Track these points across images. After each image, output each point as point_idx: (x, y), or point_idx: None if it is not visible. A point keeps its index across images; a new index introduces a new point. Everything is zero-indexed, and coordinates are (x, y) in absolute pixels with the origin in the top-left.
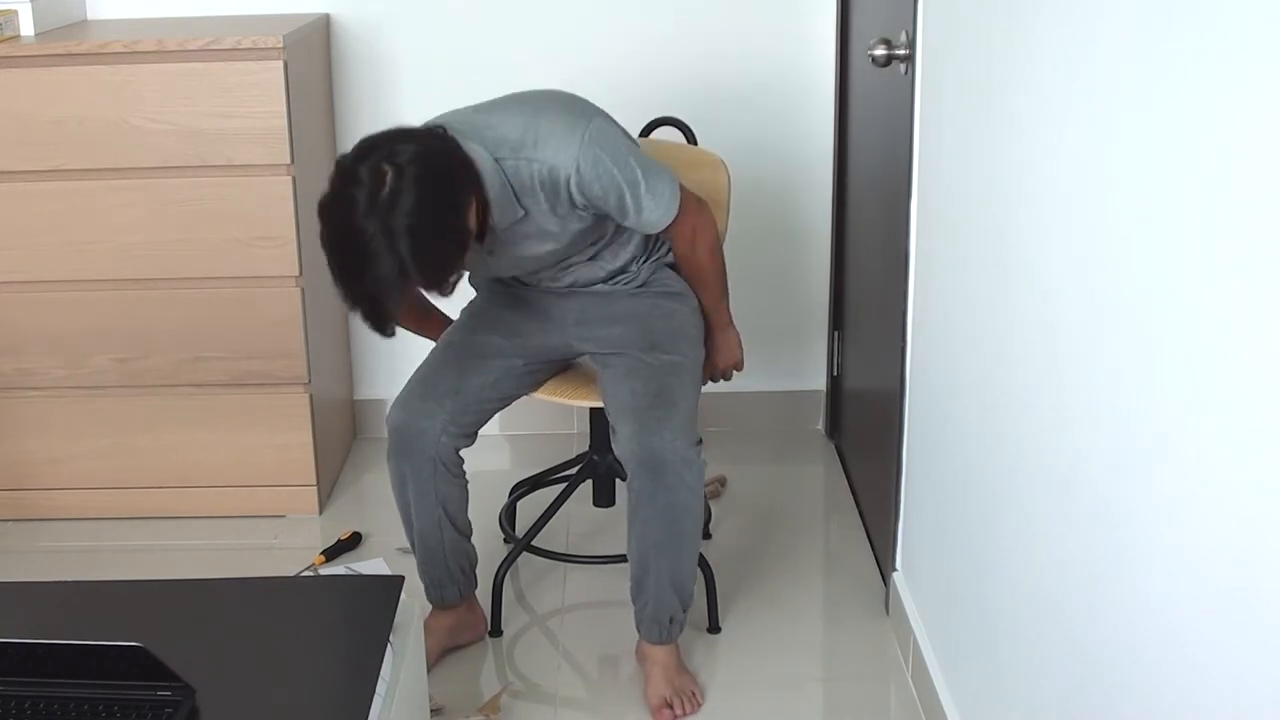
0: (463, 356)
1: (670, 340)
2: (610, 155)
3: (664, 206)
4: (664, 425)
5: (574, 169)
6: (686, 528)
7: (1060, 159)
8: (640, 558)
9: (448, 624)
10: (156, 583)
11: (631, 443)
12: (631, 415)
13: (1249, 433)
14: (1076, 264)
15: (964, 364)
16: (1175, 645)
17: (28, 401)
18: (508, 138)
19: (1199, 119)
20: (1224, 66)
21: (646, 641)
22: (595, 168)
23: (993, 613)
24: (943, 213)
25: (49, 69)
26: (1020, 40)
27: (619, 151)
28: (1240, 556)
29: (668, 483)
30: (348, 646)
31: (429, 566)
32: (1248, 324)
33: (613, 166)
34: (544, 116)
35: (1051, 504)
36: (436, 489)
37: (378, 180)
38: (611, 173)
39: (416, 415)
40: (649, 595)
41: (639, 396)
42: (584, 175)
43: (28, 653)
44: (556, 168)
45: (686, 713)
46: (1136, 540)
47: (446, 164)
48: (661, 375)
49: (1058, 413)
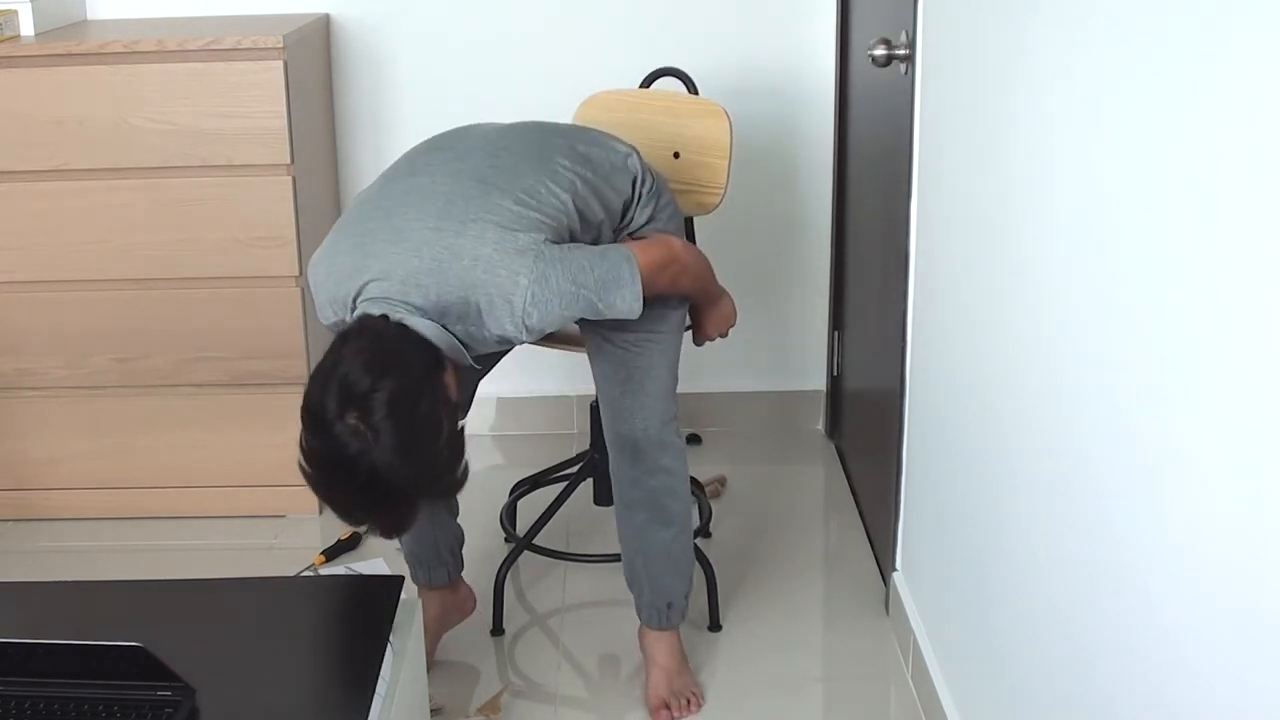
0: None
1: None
2: (557, 304)
3: (629, 300)
4: (634, 412)
5: (521, 331)
6: (673, 510)
7: (1060, 159)
8: (629, 544)
9: (436, 609)
10: (156, 583)
11: (609, 430)
12: (605, 402)
13: (1250, 431)
14: (1076, 263)
15: (964, 364)
16: (1174, 645)
17: (28, 401)
18: (448, 307)
19: (1199, 118)
20: (1224, 65)
21: (648, 627)
22: (545, 322)
23: (993, 612)
24: (943, 213)
25: (49, 69)
26: (1020, 40)
27: (565, 292)
28: (1240, 558)
29: (648, 467)
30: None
31: (417, 547)
32: (1248, 321)
33: (562, 309)
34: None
35: (1051, 504)
36: None
37: (357, 437)
38: (564, 314)
39: None
40: (642, 581)
41: (610, 381)
42: (533, 333)
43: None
44: (505, 337)
45: (686, 712)
46: (1136, 540)
47: (409, 381)
48: (629, 358)
49: (1057, 412)
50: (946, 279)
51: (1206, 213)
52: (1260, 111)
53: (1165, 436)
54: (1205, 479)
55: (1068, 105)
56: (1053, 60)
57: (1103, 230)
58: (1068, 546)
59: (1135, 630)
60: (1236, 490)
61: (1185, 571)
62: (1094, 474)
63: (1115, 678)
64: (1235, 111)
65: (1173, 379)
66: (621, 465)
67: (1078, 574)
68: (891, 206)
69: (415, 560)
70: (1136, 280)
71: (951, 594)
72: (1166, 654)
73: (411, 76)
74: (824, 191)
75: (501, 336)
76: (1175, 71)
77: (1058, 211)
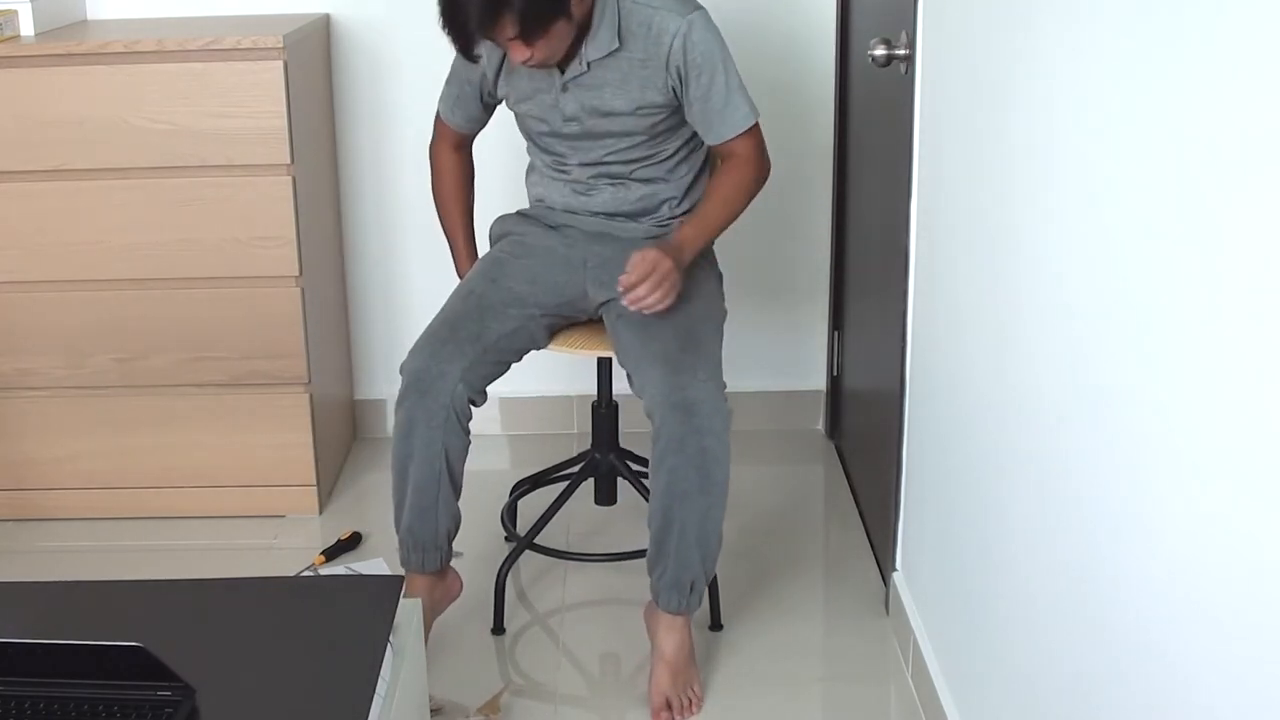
0: (484, 304)
1: (693, 288)
2: (717, 39)
3: (743, 112)
4: (697, 368)
5: (686, 28)
6: (717, 478)
7: (1060, 158)
8: (665, 510)
9: (425, 595)
10: (156, 583)
11: (663, 385)
12: (660, 359)
13: (1251, 431)
14: (1077, 263)
15: (964, 364)
16: (1173, 645)
17: (28, 401)
18: None
19: (1200, 117)
20: (1225, 64)
21: (664, 610)
22: (704, 37)
23: (993, 613)
24: (943, 213)
25: (49, 69)
26: (1020, 40)
27: (723, 44)
28: (1240, 558)
29: (700, 426)
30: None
31: (417, 524)
32: (1250, 322)
33: (717, 47)
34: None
35: (1052, 504)
36: (445, 438)
37: None
38: (715, 51)
39: (438, 359)
40: (670, 555)
41: (665, 341)
42: (692, 37)
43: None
44: (668, 19)
45: (688, 713)
46: (1136, 539)
47: None
48: (687, 321)
49: (1057, 412)
50: (946, 279)
51: (1206, 212)
52: (1261, 113)
53: (1165, 436)
54: (1208, 479)
55: (1068, 105)
56: (1053, 60)
57: (1103, 230)
58: (1068, 546)
59: (1134, 629)
60: (1236, 490)
61: (1185, 571)
62: (1094, 474)
63: (1115, 677)
64: (1237, 109)
65: (1172, 379)
66: (672, 424)
67: (1078, 574)
68: (891, 206)
69: (413, 543)
70: (1137, 280)
71: (951, 594)
72: (1166, 653)
73: (411, 76)
74: (824, 191)
75: (663, 20)
76: (1176, 71)
77: (1058, 211)
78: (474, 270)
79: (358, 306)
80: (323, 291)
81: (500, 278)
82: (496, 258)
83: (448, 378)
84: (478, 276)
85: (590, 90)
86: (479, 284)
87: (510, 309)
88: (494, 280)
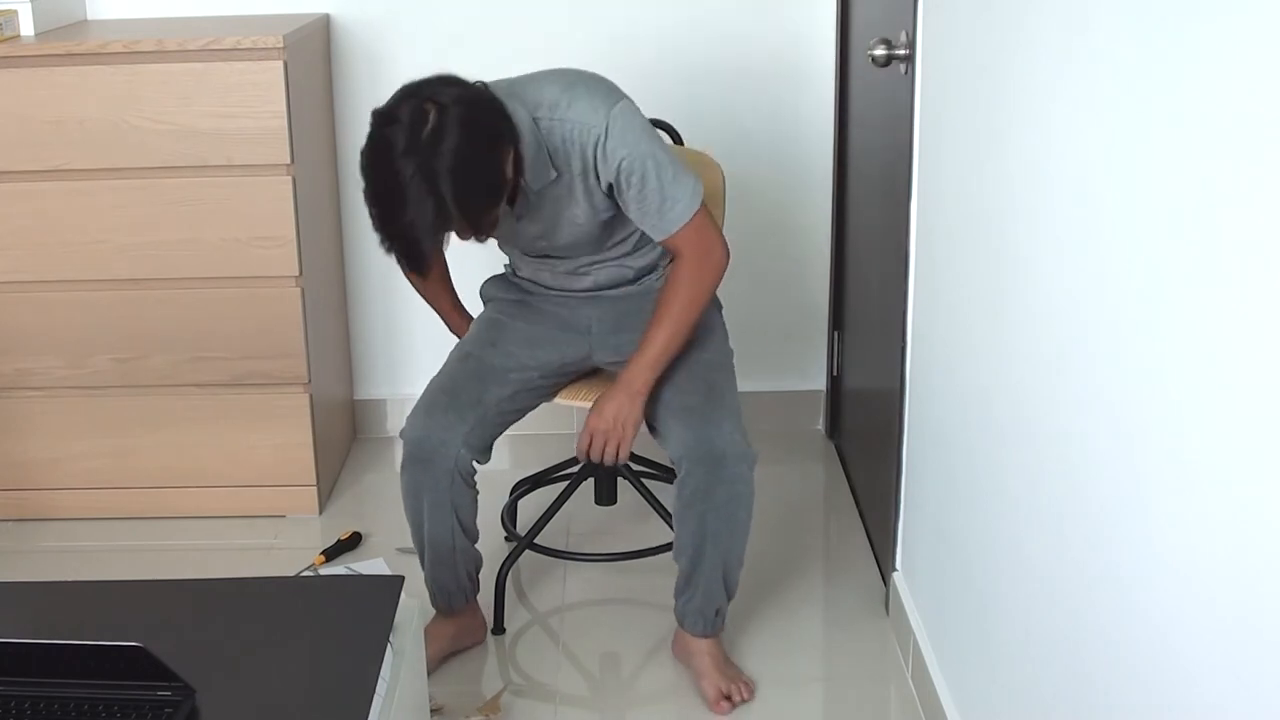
0: (482, 369)
1: (703, 334)
2: (639, 132)
3: (682, 205)
4: (722, 420)
5: (602, 135)
6: (742, 519)
7: (1060, 159)
8: (695, 550)
9: (451, 630)
10: (156, 583)
11: (688, 438)
12: (684, 413)
13: (1249, 432)
14: (1076, 264)
15: (964, 364)
16: (1173, 645)
17: (28, 401)
18: (543, 99)
19: (1199, 118)
20: (1223, 65)
21: (691, 634)
22: (624, 139)
23: (993, 613)
24: (943, 213)
25: (49, 69)
26: (1020, 40)
27: (647, 132)
28: (1240, 559)
29: (727, 476)
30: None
31: (439, 574)
32: (1248, 324)
33: (642, 141)
34: (580, 88)
35: (1051, 504)
36: (452, 499)
37: (419, 118)
38: (639, 147)
39: (438, 428)
40: (698, 588)
41: (687, 394)
42: (608, 145)
43: (28, 653)
44: (587, 128)
45: (744, 699)
46: (1135, 539)
47: (489, 110)
48: (705, 373)
49: (1057, 413)
50: (946, 279)
51: (1207, 213)
52: (1261, 115)
53: (1164, 436)
54: (1205, 481)
55: (1067, 104)
56: (1052, 60)
57: (1102, 230)
58: (1067, 546)
59: (1134, 629)
60: (1236, 490)
61: (1184, 571)
62: (1094, 474)
63: (1114, 677)
64: (1236, 113)
65: (1172, 379)
66: (698, 475)
67: (1077, 573)
68: (891, 206)
69: (438, 589)
70: (1136, 280)
71: (951, 594)
72: (1165, 653)
73: (411, 76)
74: (824, 191)
75: (582, 129)
76: (1175, 72)
77: (1057, 211)
78: (472, 332)
79: (358, 306)
80: (323, 291)
81: (499, 341)
82: (494, 319)
83: (449, 445)
84: (475, 339)
85: (545, 212)
86: (477, 347)
87: (510, 374)
88: (493, 344)
